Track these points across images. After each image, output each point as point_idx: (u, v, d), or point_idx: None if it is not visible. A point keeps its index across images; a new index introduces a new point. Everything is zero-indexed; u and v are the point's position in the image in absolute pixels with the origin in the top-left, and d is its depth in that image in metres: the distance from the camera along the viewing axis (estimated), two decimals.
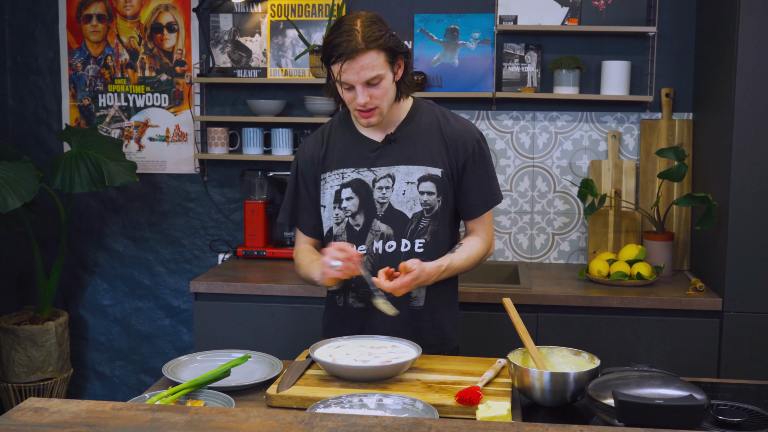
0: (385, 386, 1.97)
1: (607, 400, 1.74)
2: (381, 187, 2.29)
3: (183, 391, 1.84)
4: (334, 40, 2.13)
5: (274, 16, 3.74)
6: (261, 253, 3.68)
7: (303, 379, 2.01)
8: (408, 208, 2.28)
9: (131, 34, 3.84)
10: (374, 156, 2.29)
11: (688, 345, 3.10)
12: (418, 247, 2.29)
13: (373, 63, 2.13)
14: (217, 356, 2.19)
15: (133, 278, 3.97)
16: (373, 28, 2.14)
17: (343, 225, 2.31)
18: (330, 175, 2.32)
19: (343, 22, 2.16)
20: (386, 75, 2.17)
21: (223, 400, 1.84)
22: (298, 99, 3.76)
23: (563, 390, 1.90)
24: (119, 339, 4.02)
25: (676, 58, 3.57)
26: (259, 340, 3.22)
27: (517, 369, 1.93)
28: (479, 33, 3.62)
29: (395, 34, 2.20)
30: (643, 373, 1.82)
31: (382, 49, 2.14)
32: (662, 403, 1.64)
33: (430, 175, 2.28)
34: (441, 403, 1.85)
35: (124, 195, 3.92)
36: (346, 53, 2.11)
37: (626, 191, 3.60)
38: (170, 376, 2.04)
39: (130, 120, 3.89)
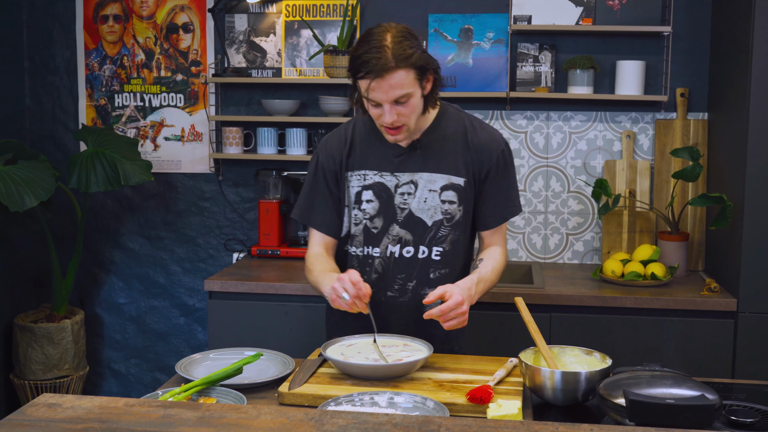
0: (397, 384, 1.97)
1: (619, 400, 1.74)
2: (403, 192, 2.27)
3: (195, 388, 1.86)
4: (363, 56, 2.07)
5: (289, 17, 3.75)
6: (275, 252, 3.69)
7: (315, 378, 2.02)
8: (428, 216, 2.26)
9: (147, 34, 3.86)
10: (398, 161, 2.27)
11: (703, 346, 3.09)
12: (435, 254, 2.27)
13: (402, 82, 2.07)
14: (230, 354, 2.21)
15: (148, 277, 4.00)
16: (404, 44, 2.07)
17: (360, 227, 2.30)
18: (352, 175, 2.30)
19: (373, 36, 2.09)
20: (415, 92, 2.12)
21: (235, 397, 1.85)
22: (313, 99, 3.77)
23: (575, 389, 1.90)
24: (134, 337, 4.05)
25: (690, 58, 3.56)
26: (272, 338, 3.24)
27: (528, 368, 1.93)
28: (493, 33, 3.62)
29: (425, 50, 2.14)
30: (655, 373, 1.82)
31: (412, 68, 2.08)
32: (673, 402, 1.63)
33: (452, 184, 2.26)
34: (452, 402, 1.86)
35: (139, 194, 3.95)
36: (374, 71, 2.05)
37: (641, 191, 3.59)
38: (183, 374, 2.05)
39: (146, 120, 3.91)
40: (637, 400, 1.64)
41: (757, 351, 3.05)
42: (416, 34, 2.16)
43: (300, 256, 3.68)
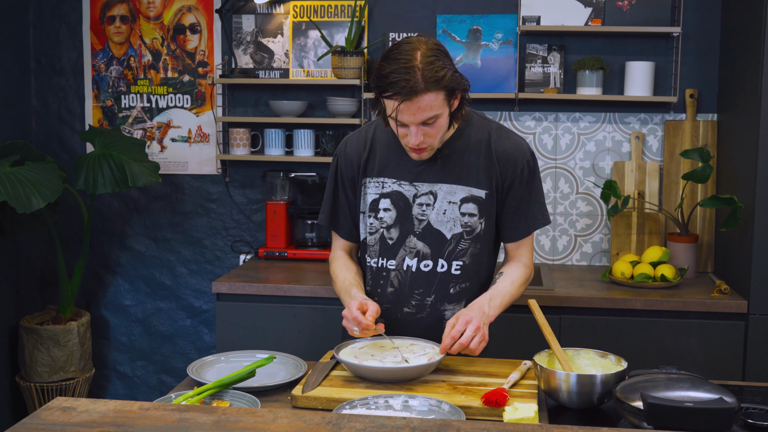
0: (411, 387, 1.96)
1: (636, 403, 1.72)
2: (421, 203, 2.21)
3: (208, 391, 1.84)
4: (392, 75, 1.97)
5: (297, 17, 3.74)
6: (282, 254, 3.68)
7: (328, 380, 2.00)
8: (447, 229, 2.21)
9: (154, 35, 3.85)
10: (418, 170, 2.21)
11: (713, 348, 3.07)
12: (455, 268, 2.22)
13: (431, 104, 2.00)
14: (242, 357, 2.19)
15: (154, 279, 3.99)
16: (435, 65, 1.98)
17: (376, 236, 2.26)
18: (371, 182, 2.25)
19: (402, 54, 1.99)
20: (443, 113, 2.05)
21: (249, 400, 1.84)
22: (320, 100, 3.76)
23: (590, 392, 1.88)
24: (141, 339, 4.04)
25: (700, 59, 3.55)
26: (281, 340, 3.23)
27: (543, 371, 1.92)
28: (502, 34, 3.60)
29: (455, 69, 2.06)
30: (672, 376, 1.81)
31: (442, 90, 2.00)
32: (692, 406, 1.62)
33: (473, 196, 2.19)
34: (467, 405, 1.84)
35: (146, 196, 3.94)
36: (403, 93, 1.96)
37: (650, 193, 3.58)
38: (195, 377, 2.04)
39: (153, 121, 3.90)
40: (655, 404, 1.62)
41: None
42: (446, 50, 2.08)
43: (307, 257, 3.67)
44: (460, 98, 2.10)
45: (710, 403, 1.64)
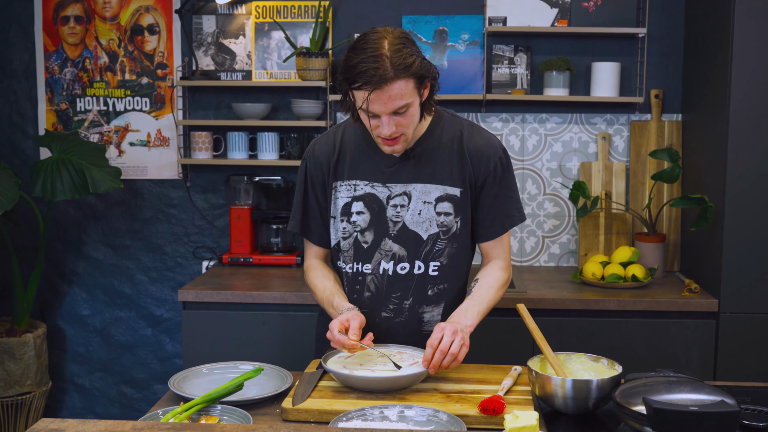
0: (403, 397, 1.91)
1: (637, 407, 1.70)
2: (395, 205, 2.16)
3: (197, 406, 1.77)
4: (360, 65, 1.94)
5: (259, 18, 3.66)
6: (247, 259, 3.60)
7: (317, 391, 1.94)
8: (423, 229, 2.16)
9: (110, 36, 3.73)
10: (390, 171, 2.16)
11: (686, 346, 3.09)
12: (432, 269, 2.18)
13: (402, 92, 1.96)
14: (224, 368, 2.11)
15: (113, 287, 3.86)
16: (403, 52, 1.95)
17: (350, 240, 2.20)
18: (341, 185, 2.20)
19: (369, 44, 1.96)
20: (414, 102, 2.01)
21: (239, 415, 1.77)
22: (284, 102, 3.68)
23: (586, 398, 1.85)
24: (99, 350, 3.91)
25: (664, 60, 3.57)
26: (250, 349, 3.15)
27: (539, 377, 1.89)
28: (468, 34, 3.58)
29: (424, 56, 2.03)
30: (671, 379, 1.79)
31: (412, 77, 1.97)
32: (697, 410, 1.60)
33: (448, 195, 2.15)
34: (463, 414, 1.80)
35: (103, 202, 3.81)
36: (373, 82, 1.93)
37: (616, 193, 3.59)
38: (176, 390, 1.95)
39: (110, 124, 3.78)
40: (661, 409, 1.60)
41: (738, 351, 3.06)
42: (413, 39, 2.05)
43: (273, 263, 3.59)
44: (430, 87, 2.07)
45: (714, 407, 1.62)
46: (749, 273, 3.04)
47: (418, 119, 2.08)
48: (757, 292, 3.04)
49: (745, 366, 3.05)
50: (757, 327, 3.05)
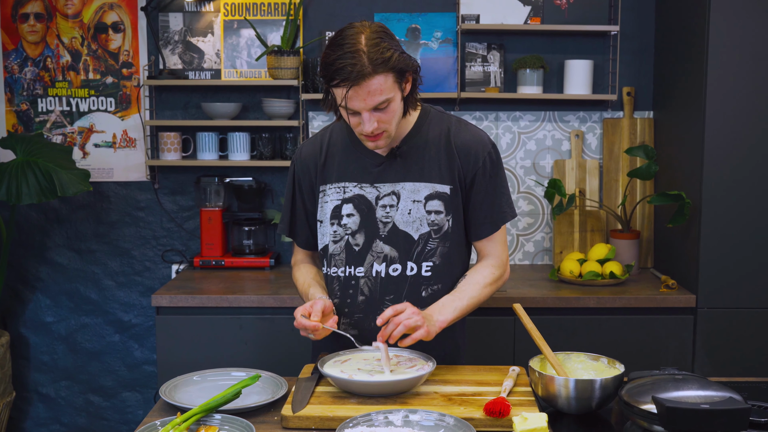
0: (405, 401, 1.87)
1: (646, 406, 1.69)
2: (385, 205, 2.12)
3: (195, 416, 1.70)
4: (337, 62, 1.90)
5: (228, 15, 3.58)
6: (219, 262, 3.52)
7: (315, 397, 1.89)
8: (414, 229, 2.12)
9: (73, 34, 3.62)
10: (378, 171, 2.12)
11: (664, 342, 3.11)
12: (425, 270, 2.13)
13: (381, 87, 1.92)
14: (215, 375, 2.05)
15: (78, 293, 3.75)
16: (380, 47, 1.90)
17: (341, 243, 2.15)
18: (330, 188, 2.15)
19: (345, 39, 1.92)
20: (395, 96, 1.96)
21: (240, 425, 1.71)
22: (255, 101, 3.61)
23: (589, 398, 1.84)
24: (64, 358, 3.79)
25: (636, 57, 3.59)
26: (228, 353, 3.08)
27: (542, 377, 1.86)
28: (441, 32, 3.55)
29: (403, 50, 1.98)
30: (676, 377, 1.78)
31: (390, 71, 1.92)
32: (709, 407, 1.59)
33: (437, 192, 2.11)
34: (468, 417, 1.77)
35: (67, 205, 3.70)
36: (350, 78, 1.88)
37: (590, 190, 3.60)
38: (168, 399, 1.89)
39: (74, 125, 3.66)
40: (674, 407, 1.59)
41: (716, 346, 3.09)
42: (391, 33, 2.00)
43: (246, 266, 3.53)
44: (413, 81, 2.03)
45: (725, 404, 1.62)
46: (726, 269, 3.07)
47: (401, 115, 2.04)
48: (734, 288, 3.07)
49: (722, 361, 3.08)
50: (734, 322, 3.08)
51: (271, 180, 3.66)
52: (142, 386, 3.78)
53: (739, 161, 3.03)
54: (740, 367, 3.05)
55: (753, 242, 3.06)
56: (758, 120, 3.01)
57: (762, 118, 3.01)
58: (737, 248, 3.06)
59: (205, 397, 1.92)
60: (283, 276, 3.40)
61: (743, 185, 3.04)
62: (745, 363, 3.07)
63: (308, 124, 3.61)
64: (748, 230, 3.05)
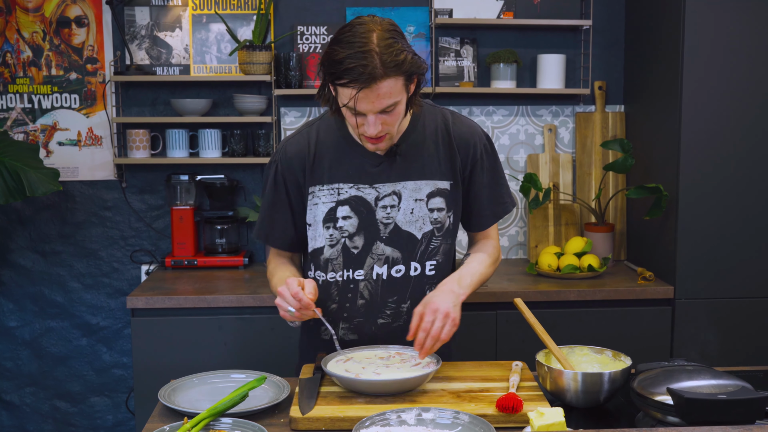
0: (414, 399, 1.84)
1: (660, 397, 1.69)
2: (385, 206, 2.05)
3: (204, 421, 1.65)
4: (347, 61, 1.79)
5: (196, 10, 3.50)
6: (192, 262, 3.44)
7: (321, 398, 1.85)
8: (417, 228, 2.07)
9: (34, 28, 3.50)
10: (376, 171, 2.04)
11: (643, 333, 3.14)
12: (429, 269, 2.09)
13: (391, 90, 1.83)
14: (214, 377, 1.99)
15: (43, 296, 3.63)
16: (394, 48, 1.81)
17: (338, 247, 2.07)
18: (321, 190, 2.05)
19: (356, 36, 1.81)
20: (402, 99, 1.89)
21: (252, 428, 1.66)
22: (225, 97, 3.54)
23: (598, 391, 1.83)
24: (29, 363, 3.66)
25: (607, 51, 3.61)
26: (207, 354, 3.02)
27: (551, 371, 1.85)
28: (414, 27, 3.53)
29: (414, 51, 1.89)
30: (686, 368, 1.79)
31: (402, 74, 1.84)
32: (726, 398, 1.60)
33: (439, 189, 2.07)
34: (481, 413, 1.75)
35: (30, 206, 3.57)
36: (361, 80, 1.79)
37: (564, 184, 3.61)
38: (167, 403, 1.83)
39: (36, 123, 3.54)
40: (692, 398, 1.59)
41: (694, 335, 3.13)
42: (402, 31, 1.92)
43: (219, 265, 3.46)
44: (417, 83, 1.95)
45: (741, 394, 1.63)
46: (703, 260, 3.11)
47: (404, 116, 1.98)
48: (710, 278, 3.11)
49: (701, 351, 3.12)
50: (711, 312, 3.12)
51: (243, 177, 3.60)
52: (111, 391, 3.68)
53: (714, 153, 3.07)
54: (719, 357, 3.10)
55: (729, 233, 3.10)
56: (734, 112, 3.06)
57: (737, 109, 3.06)
58: (714, 239, 3.10)
59: (204, 401, 1.87)
60: (258, 275, 3.34)
61: (719, 177, 3.08)
62: (724, 352, 3.12)
63: (280, 120, 3.55)
64: (725, 221, 3.10)
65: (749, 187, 3.09)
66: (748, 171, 3.08)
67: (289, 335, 3.02)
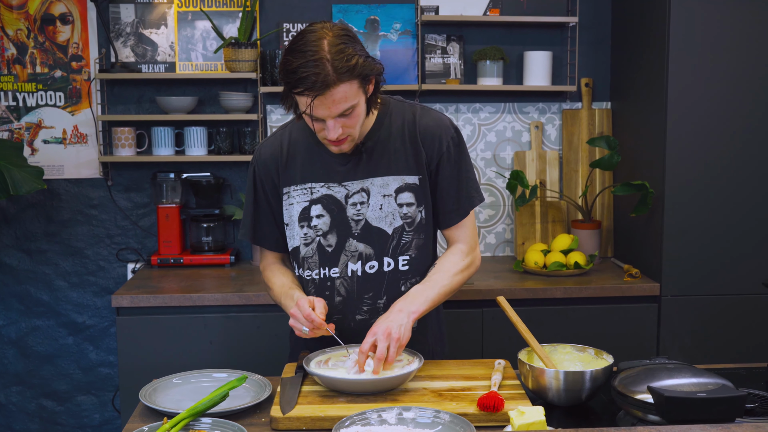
0: (395, 398, 1.84)
1: (640, 396, 1.69)
2: (355, 203, 2.07)
3: (184, 421, 1.64)
4: (300, 70, 1.83)
5: (182, 7, 3.49)
6: (178, 260, 3.43)
7: (303, 397, 1.85)
8: (387, 224, 2.08)
9: (18, 26, 3.48)
10: (345, 169, 2.07)
11: (629, 330, 3.14)
12: (402, 264, 2.09)
13: (346, 95, 1.87)
14: (196, 377, 1.99)
15: (29, 295, 3.61)
16: (345, 53, 1.84)
17: (313, 246, 2.10)
18: (295, 190, 2.09)
19: (307, 45, 1.85)
20: (359, 102, 1.92)
21: (232, 429, 1.65)
22: (211, 95, 3.53)
23: (580, 389, 1.83)
24: (15, 362, 3.65)
25: (594, 48, 3.61)
26: (193, 353, 3.01)
27: (533, 370, 1.85)
28: (400, 24, 3.52)
29: (367, 53, 1.92)
30: (667, 366, 1.79)
31: (355, 78, 1.87)
32: (706, 396, 1.60)
33: (407, 184, 2.07)
34: (462, 412, 1.75)
35: (15, 204, 3.56)
36: (315, 88, 1.83)
37: (550, 181, 3.61)
38: (148, 403, 1.82)
39: (21, 121, 3.52)
40: (672, 397, 1.59)
41: (679, 332, 3.13)
42: (354, 35, 1.94)
43: (206, 263, 3.45)
44: (375, 83, 1.98)
45: (721, 392, 1.63)
46: (689, 257, 3.11)
47: (365, 116, 2.00)
48: (696, 275, 3.12)
49: (687, 348, 3.13)
50: (697, 309, 3.13)
51: (229, 175, 3.59)
52: (98, 389, 3.66)
53: (700, 151, 3.07)
54: (705, 354, 3.10)
55: (715, 230, 3.11)
56: (720, 109, 3.06)
57: (723, 107, 3.06)
58: (700, 237, 3.11)
59: (186, 400, 1.86)
60: (245, 273, 3.33)
61: (705, 175, 3.08)
62: (710, 349, 3.12)
63: (267, 118, 3.54)
64: (711, 219, 3.10)
65: (735, 184, 3.09)
66: (734, 168, 3.09)
67: (275, 333, 3.02)
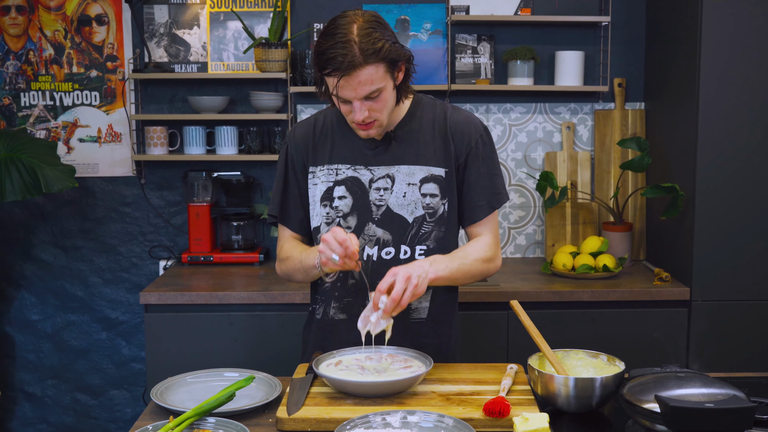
0: (402, 401, 1.83)
1: (648, 405, 1.66)
2: (379, 188, 2.10)
3: (188, 420, 1.66)
4: (328, 52, 1.90)
5: (214, 8, 3.52)
6: (208, 258, 3.47)
7: (310, 398, 1.85)
8: (408, 212, 2.10)
9: (56, 27, 3.55)
10: (372, 154, 2.10)
11: (658, 335, 3.09)
12: (419, 254, 2.10)
13: (372, 77, 1.92)
14: (207, 376, 2.01)
15: (64, 290, 3.69)
16: (372, 37, 1.90)
17: (333, 226, 2.11)
18: (321, 170, 2.13)
19: (338, 29, 1.91)
20: (386, 86, 1.96)
21: (235, 428, 1.67)
22: (242, 94, 3.56)
23: (590, 396, 1.81)
24: (50, 356, 3.73)
25: (627, 48, 3.56)
26: (218, 351, 3.04)
27: (542, 375, 1.83)
28: (431, 24, 3.51)
29: (395, 39, 1.98)
30: (678, 375, 1.75)
31: (382, 61, 1.92)
32: (713, 407, 1.57)
33: (432, 175, 2.10)
34: (468, 417, 1.73)
35: (52, 201, 3.63)
36: (341, 68, 1.89)
37: (582, 182, 3.57)
38: (159, 402, 1.84)
39: (57, 120, 3.60)
40: (678, 407, 1.56)
41: (711, 338, 3.08)
42: (385, 22, 1.99)
43: (235, 261, 3.48)
44: (405, 70, 2.02)
45: (729, 402, 1.59)
46: (720, 261, 3.05)
47: (393, 103, 2.04)
48: (728, 280, 3.05)
49: (717, 354, 3.07)
50: (729, 314, 3.07)
51: (259, 174, 3.62)
52: (130, 384, 3.73)
53: (732, 153, 3.01)
54: (735, 361, 3.04)
55: (747, 234, 3.04)
56: (752, 111, 2.99)
57: (755, 109, 2.99)
58: (731, 240, 3.04)
59: (197, 399, 1.88)
60: (273, 272, 3.36)
61: (737, 177, 3.02)
62: (740, 356, 3.06)
63: (297, 117, 3.56)
64: (742, 222, 3.03)
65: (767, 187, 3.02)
66: (767, 171, 3.01)
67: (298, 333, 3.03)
